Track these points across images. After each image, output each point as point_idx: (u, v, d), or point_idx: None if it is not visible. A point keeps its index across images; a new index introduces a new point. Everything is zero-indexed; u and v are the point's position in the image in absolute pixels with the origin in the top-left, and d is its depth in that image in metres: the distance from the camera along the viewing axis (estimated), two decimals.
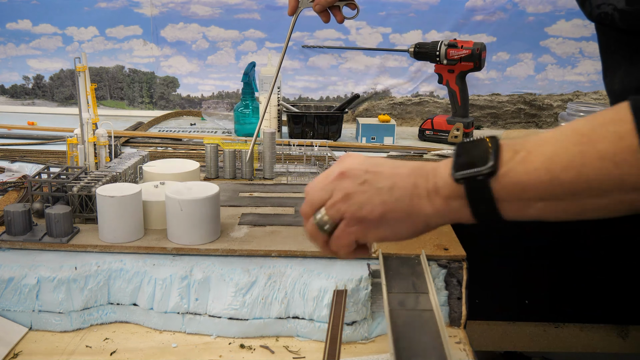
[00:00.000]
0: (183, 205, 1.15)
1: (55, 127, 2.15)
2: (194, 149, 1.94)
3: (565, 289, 1.64)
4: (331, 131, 2.09)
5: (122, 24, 2.46)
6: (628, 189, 0.61)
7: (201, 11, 2.44)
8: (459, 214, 0.70)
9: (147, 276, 1.11)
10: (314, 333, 1.09)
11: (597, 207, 0.65)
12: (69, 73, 2.52)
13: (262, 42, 2.46)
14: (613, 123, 0.62)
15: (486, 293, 1.44)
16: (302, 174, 1.63)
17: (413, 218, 0.71)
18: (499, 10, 2.34)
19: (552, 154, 0.65)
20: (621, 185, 0.61)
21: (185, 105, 2.56)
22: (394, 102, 2.44)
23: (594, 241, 1.59)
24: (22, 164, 1.75)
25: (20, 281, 1.09)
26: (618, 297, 1.63)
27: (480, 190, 0.67)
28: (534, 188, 0.65)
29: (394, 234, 0.72)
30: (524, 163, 0.66)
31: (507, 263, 1.62)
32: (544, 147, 0.65)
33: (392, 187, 0.71)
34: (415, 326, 0.94)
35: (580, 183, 0.63)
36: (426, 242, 1.21)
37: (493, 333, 1.68)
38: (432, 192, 0.70)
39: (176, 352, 1.05)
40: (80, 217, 1.27)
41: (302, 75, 2.48)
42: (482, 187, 0.67)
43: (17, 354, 1.03)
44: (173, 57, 2.50)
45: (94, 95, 1.45)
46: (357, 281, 1.09)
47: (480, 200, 0.68)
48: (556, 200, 0.65)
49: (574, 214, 0.66)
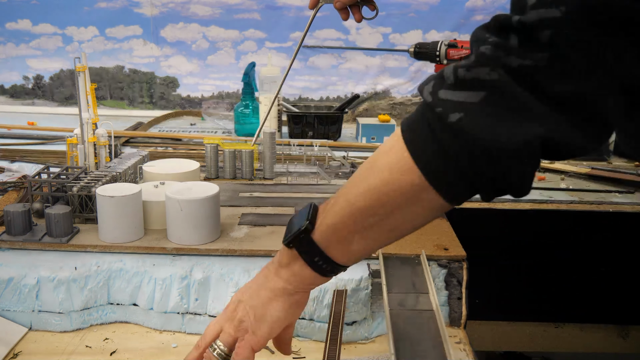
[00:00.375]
0: (183, 205, 1.15)
1: (55, 127, 2.15)
2: (194, 149, 1.94)
3: (565, 289, 1.64)
4: (331, 131, 2.08)
5: (122, 23, 2.46)
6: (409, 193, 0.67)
7: (201, 11, 2.44)
8: (302, 273, 0.78)
9: (147, 276, 1.11)
10: (314, 333, 1.09)
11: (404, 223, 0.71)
12: (69, 73, 2.52)
13: (262, 42, 2.46)
14: (388, 140, 0.70)
15: (486, 293, 1.44)
16: (302, 174, 1.63)
17: (278, 298, 0.80)
18: (499, 10, 2.34)
19: (350, 186, 0.73)
20: (401, 190, 0.67)
21: (185, 105, 2.56)
22: (394, 102, 2.44)
23: (594, 242, 1.59)
24: (22, 164, 1.75)
25: (20, 281, 1.09)
26: (618, 297, 1.63)
27: (307, 245, 0.75)
28: (343, 224, 0.73)
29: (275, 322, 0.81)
30: (333, 207, 0.74)
31: (507, 263, 1.62)
32: (346, 184, 0.74)
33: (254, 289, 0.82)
34: (415, 326, 0.94)
35: (373, 202, 0.69)
36: (426, 242, 1.21)
37: (493, 333, 1.68)
38: (277, 268, 0.80)
39: (176, 352, 1.05)
40: (80, 217, 1.27)
41: (302, 75, 2.48)
42: (307, 242, 0.75)
43: (17, 354, 1.03)
44: (173, 57, 2.50)
45: (94, 95, 1.45)
46: (357, 281, 1.09)
47: (310, 254, 0.75)
48: (365, 227, 0.72)
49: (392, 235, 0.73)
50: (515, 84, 0.59)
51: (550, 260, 1.61)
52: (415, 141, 0.66)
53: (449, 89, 0.63)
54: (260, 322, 0.81)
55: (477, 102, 0.61)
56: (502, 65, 0.60)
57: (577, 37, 0.56)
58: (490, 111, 0.60)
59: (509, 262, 1.62)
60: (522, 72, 0.59)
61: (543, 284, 1.64)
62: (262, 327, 0.81)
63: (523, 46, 0.59)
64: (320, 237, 0.75)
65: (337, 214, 0.73)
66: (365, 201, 0.70)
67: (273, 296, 0.80)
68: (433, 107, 0.63)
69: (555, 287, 1.63)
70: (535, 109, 0.59)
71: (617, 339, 1.69)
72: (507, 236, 1.59)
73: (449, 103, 0.62)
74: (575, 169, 1.74)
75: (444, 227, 1.29)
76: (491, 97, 0.60)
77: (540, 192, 1.60)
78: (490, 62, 0.61)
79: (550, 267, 1.62)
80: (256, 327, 0.80)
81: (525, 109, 0.59)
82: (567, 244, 1.60)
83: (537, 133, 0.60)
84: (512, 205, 1.53)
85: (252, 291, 0.82)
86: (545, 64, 0.58)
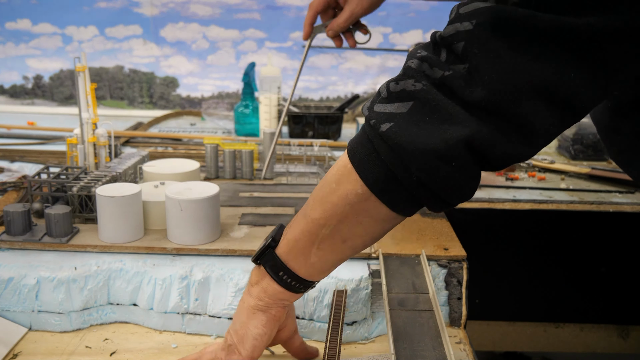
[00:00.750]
0: (183, 205, 1.15)
1: (55, 127, 2.15)
2: (194, 149, 1.94)
3: (565, 289, 1.64)
4: (331, 131, 2.08)
5: (122, 23, 2.46)
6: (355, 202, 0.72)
7: (201, 11, 2.44)
8: (270, 289, 0.83)
9: (147, 276, 1.11)
10: (314, 333, 1.09)
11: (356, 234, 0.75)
12: (69, 73, 2.52)
13: (262, 42, 2.46)
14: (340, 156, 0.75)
15: (486, 293, 1.44)
16: (302, 174, 1.63)
17: (254, 316, 0.85)
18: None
19: (306, 202, 0.78)
20: (347, 199, 0.72)
21: (185, 105, 2.55)
22: None
23: (595, 242, 1.59)
24: (21, 164, 1.75)
25: (19, 281, 1.08)
26: (618, 297, 1.63)
27: (271, 260, 0.81)
28: (302, 236, 0.78)
29: (257, 339, 0.86)
30: (293, 222, 0.80)
31: (507, 263, 1.62)
32: (306, 202, 0.79)
33: (235, 315, 0.88)
34: (415, 326, 0.94)
35: (325, 212, 0.74)
36: (426, 242, 1.21)
37: (493, 333, 1.68)
38: (249, 287, 0.86)
39: (176, 353, 1.05)
40: (80, 217, 1.27)
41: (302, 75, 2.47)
42: (271, 257, 0.81)
43: (17, 354, 1.03)
44: (173, 57, 2.50)
45: (94, 95, 1.44)
46: (357, 281, 1.08)
47: (275, 269, 0.81)
48: (320, 239, 0.76)
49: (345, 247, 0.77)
50: (438, 92, 0.64)
51: (550, 260, 1.61)
52: (356, 153, 0.71)
53: (382, 102, 0.69)
54: (244, 342, 0.86)
55: (405, 112, 0.66)
56: (426, 76, 0.65)
57: (486, 47, 0.61)
58: (416, 119, 0.65)
59: (509, 262, 1.62)
60: (443, 81, 0.64)
61: (543, 284, 1.64)
62: (246, 346, 0.86)
63: (447, 58, 0.64)
64: (282, 251, 0.81)
65: (295, 228, 0.79)
66: (318, 212, 0.75)
67: (250, 314, 0.85)
68: (368, 120, 0.69)
69: (555, 287, 1.63)
70: (457, 114, 0.63)
71: (617, 339, 1.69)
72: (507, 236, 1.59)
73: (382, 115, 0.68)
74: (575, 169, 1.74)
75: (444, 227, 1.29)
76: (417, 106, 0.65)
77: (540, 192, 1.60)
78: (415, 74, 0.66)
79: (550, 267, 1.62)
80: (241, 347, 0.86)
81: (447, 114, 0.64)
82: (567, 244, 1.60)
83: (458, 135, 0.63)
84: (512, 205, 1.53)
85: (234, 317, 0.88)
86: (463, 73, 0.62)
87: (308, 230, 0.77)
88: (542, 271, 1.62)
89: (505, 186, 1.64)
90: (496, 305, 1.64)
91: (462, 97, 0.63)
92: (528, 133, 0.64)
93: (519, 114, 0.62)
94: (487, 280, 1.42)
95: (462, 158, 0.65)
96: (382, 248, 1.17)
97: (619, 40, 0.59)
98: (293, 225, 0.80)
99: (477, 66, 0.61)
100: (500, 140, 0.64)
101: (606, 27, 0.58)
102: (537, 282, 1.63)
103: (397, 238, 1.23)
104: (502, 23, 0.60)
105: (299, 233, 0.78)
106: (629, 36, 0.59)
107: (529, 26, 0.60)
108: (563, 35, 0.59)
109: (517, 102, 0.61)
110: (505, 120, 0.63)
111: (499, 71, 0.61)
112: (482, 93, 0.62)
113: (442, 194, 0.68)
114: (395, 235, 1.24)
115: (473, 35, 0.61)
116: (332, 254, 0.78)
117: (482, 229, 1.55)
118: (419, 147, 0.64)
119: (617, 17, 0.58)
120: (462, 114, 0.63)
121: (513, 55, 0.60)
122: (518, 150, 0.65)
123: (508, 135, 0.64)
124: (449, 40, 0.63)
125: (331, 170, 0.76)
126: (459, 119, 0.63)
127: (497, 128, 0.63)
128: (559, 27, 0.59)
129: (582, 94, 0.62)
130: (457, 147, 0.64)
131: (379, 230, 0.76)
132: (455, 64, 0.63)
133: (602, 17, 0.58)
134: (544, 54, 0.60)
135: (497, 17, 0.60)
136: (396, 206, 0.71)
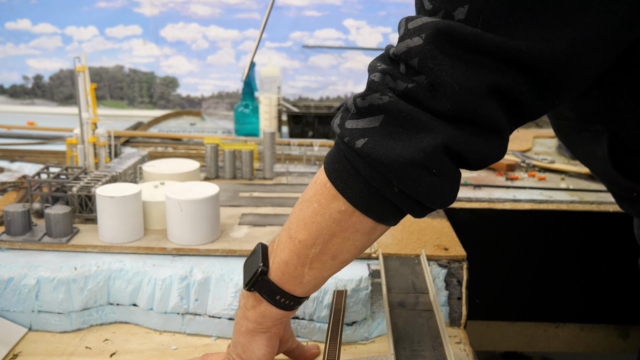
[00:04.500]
0: (183, 206, 1.15)
1: (55, 127, 2.15)
2: (194, 149, 1.94)
3: (565, 289, 1.64)
4: (331, 131, 2.08)
5: (122, 23, 2.46)
6: (340, 220, 0.72)
7: (201, 11, 2.44)
8: (269, 312, 0.83)
9: (147, 276, 1.11)
10: (314, 333, 1.09)
11: (345, 248, 0.75)
12: (69, 73, 2.52)
13: (262, 41, 2.45)
14: (316, 174, 0.75)
15: (486, 293, 1.44)
16: (302, 173, 1.63)
17: (255, 338, 0.85)
18: None
19: (290, 221, 0.78)
20: (332, 218, 0.72)
21: (185, 105, 2.55)
22: None
23: (595, 242, 1.59)
24: (21, 164, 1.75)
25: (19, 281, 1.08)
26: (618, 297, 1.63)
27: (266, 286, 0.80)
28: (291, 258, 0.77)
29: (267, 358, 0.87)
30: (279, 244, 0.79)
31: (507, 263, 1.62)
32: (288, 219, 0.78)
33: (234, 338, 0.88)
34: (415, 326, 0.94)
35: (311, 233, 0.74)
36: (426, 242, 1.21)
37: (493, 333, 1.68)
38: (244, 311, 0.85)
39: (176, 354, 1.05)
40: (80, 217, 1.27)
41: (302, 75, 2.48)
42: (266, 284, 0.80)
43: (17, 354, 1.03)
44: (173, 57, 2.50)
45: (94, 95, 1.44)
46: (357, 281, 1.08)
47: (272, 293, 0.81)
48: (311, 259, 0.76)
49: (336, 262, 0.77)
50: (406, 103, 0.64)
51: (550, 260, 1.61)
52: (335, 171, 0.71)
53: (352, 119, 0.69)
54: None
55: (378, 126, 0.66)
56: (390, 89, 0.65)
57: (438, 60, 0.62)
58: (390, 131, 0.66)
59: (509, 262, 1.62)
60: (408, 94, 0.64)
61: (543, 284, 1.63)
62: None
63: (407, 72, 0.65)
64: (275, 276, 0.80)
65: (283, 251, 0.78)
66: (303, 234, 0.75)
67: (251, 338, 0.85)
68: (342, 137, 0.69)
69: (555, 287, 1.63)
70: (429, 122, 0.64)
71: (617, 339, 1.69)
72: (507, 236, 1.58)
73: (354, 131, 0.68)
74: (575, 169, 1.74)
75: (444, 227, 1.29)
76: (388, 119, 0.65)
77: (540, 192, 1.60)
78: (380, 88, 0.66)
79: (550, 267, 1.62)
80: None
81: (420, 123, 0.64)
82: (567, 244, 1.60)
83: (435, 143, 0.64)
84: (512, 205, 1.53)
85: (233, 340, 0.88)
86: (425, 85, 0.63)
87: (296, 252, 0.76)
88: (542, 271, 1.62)
89: (505, 186, 1.64)
90: (496, 305, 1.64)
91: (430, 107, 0.64)
92: (501, 130, 0.65)
93: (486, 116, 0.63)
94: (487, 280, 1.42)
95: (442, 164, 0.65)
96: (382, 248, 1.17)
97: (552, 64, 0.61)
98: (279, 247, 0.79)
99: (435, 79, 0.62)
100: (475, 142, 0.65)
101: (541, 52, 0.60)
102: (537, 282, 1.63)
103: (397, 238, 1.23)
104: (450, 38, 0.61)
105: (288, 256, 0.78)
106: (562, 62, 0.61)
107: (475, 43, 0.61)
108: (505, 54, 0.61)
109: (482, 105, 0.63)
110: (476, 124, 0.64)
111: (457, 81, 0.62)
112: (447, 103, 0.62)
113: (426, 201, 0.68)
114: (395, 235, 1.24)
115: (425, 51, 0.62)
116: (325, 270, 0.78)
117: (482, 229, 1.55)
118: (398, 160, 0.64)
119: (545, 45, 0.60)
120: (434, 121, 0.64)
121: (465, 67, 0.62)
122: (494, 149, 0.66)
123: (483, 136, 0.65)
124: (403, 57, 0.64)
125: (309, 189, 0.75)
126: (431, 126, 0.64)
127: (470, 132, 0.64)
128: (501, 48, 0.61)
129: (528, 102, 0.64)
130: (436, 154, 0.64)
131: (367, 242, 0.76)
132: (416, 76, 0.64)
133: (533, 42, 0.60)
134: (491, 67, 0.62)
135: (444, 33, 0.61)
136: (382, 218, 0.72)
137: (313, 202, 0.73)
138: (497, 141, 0.66)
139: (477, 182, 1.65)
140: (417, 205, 0.69)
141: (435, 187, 0.66)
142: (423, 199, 0.67)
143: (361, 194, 0.69)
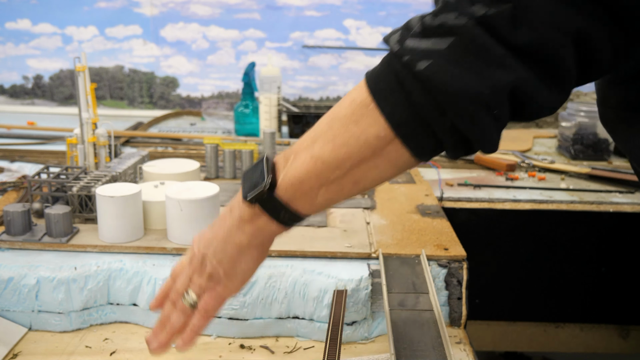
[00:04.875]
0: (183, 206, 1.15)
1: (55, 127, 2.15)
2: (194, 149, 1.94)
3: (565, 289, 1.64)
4: None
5: (122, 23, 2.46)
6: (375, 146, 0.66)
7: (201, 11, 2.44)
8: (269, 227, 0.77)
9: (147, 276, 1.11)
10: (314, 333, 1.09)
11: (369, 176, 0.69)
12: (69, 73, 2.52)
13: (262, 42, 2.46)
14: (351, 92, 0.68)
15: (486, 293, 1.44)
16: None
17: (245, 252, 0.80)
18: None
19: (310, 141, 0.71)
20: (367, 143, 0.66)
21: (185, 105, 2.56)
22: None
23: (595, 242, 1.59)
24: (21, 164, 1.75)
25: (19, 281, 1.08)
26: (618, 297, 1.63)
27: (271, 201, 0.74)
28: (308, 177, 0.71)
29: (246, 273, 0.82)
30: (294, 162, 0.72)
31: (507, 263, 1.62)
32: (305, 139, 0.72)
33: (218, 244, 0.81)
34: (415, 326, 0.94)
35: (338, 156, 0.68)
36: (426, 242, 1.21)
37: (493, 333, 1.68)
38: (239, 222, 0.78)
39: (176, 353, 1.05)
40: (80, 217, 1.27)
41: (302, 75, 2.48)
42: (271, 198, 0.74)
43: (17, 354, 1.03)
44: (173, 57, 2.50)
45: (94, 95, 1.44)
46: (357, 281, 1.08)
47: (275, 209, 0.75)
48: (331, 180, 0.70)
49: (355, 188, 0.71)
50: (482, 30, 0.59)
51: (550, 260, 1.61)
52: (381, 92, 0.64)
53: (415, 37, 0.62)
54: (232, 277, 0.81)
55: (444, 49, 0.59)
56: (467, 13, 0.59)
57: None
58: (458, 57, 0.59)
59: (509, 262, 1.62)
60: (487, 20, 0.58)
61: (543, 284, 1.64)
62: (234, 281, 0.81)
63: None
64: (284, 192, 0.73)
65: (299, 169, 0.72)
66: (331, 155, 0.69)
67: (240, 251, 0.80)
68: (400, 56, 0.62)
69: (555, 287, 1.63)
70: (503, 57, 0.59)
71: (617, 339, 1.69)
72: (507, 236, 1.59)
73: (416, 51, 0.61)
74: (575, 169, 1.74)
75: (444, 227, 1.29)
76: (459, 43, 0.59)
77: (540, 192, 1.60)
78: (457, 8, 0.60)
79: (550, 267, 1.62)
80: (227, 281, 0.81)
81: (493, 56, 0.59)
82: (567, 244, 1.60)
83: (506, 81, 0.59)
84: (512, 205, 1.53)
85: (217, 246, 0.81)
86: (508, 12, 0.58)
87: (316, 172, 0.70)
88: (542, 271, 1.62)
89: (506, 186, 1.64)
90: (496, 305, 1.64)
91: (506, 39, 0.58)
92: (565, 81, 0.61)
93: (561, 60, 0.59)
94: (487, 280, 1.42)
95: (503, 106, 0.60)
96: (382, 248, 1.17)
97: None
98: (295, 165, 0.72)
99: (525, 6, 0.57)
100: (540, 88, 0.60)
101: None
102: (537, 282, 1.63)
103: (397, 238, 1.23)
104: None
105: (305, 174, 0.71)
106: None
107: None
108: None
109: (565, 46, 0.58)
110: (547, 67, 0.59)
111: (548, 11, 0.57)
112: (529, 36, 0.58)
113: (475, 143, 0.63)
114: (395, 235, 1.24)
115: None
116: (341, 194, 0.72)
117: (482, 229, 1.55)
118: (462, 91, 0.59)
119: None
120: (509, 57, 0.58)
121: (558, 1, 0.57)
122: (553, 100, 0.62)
123: (547, 84, 0.60)
124: None
125: (344, 105, 0.68)
126: (507, 62, 0.58)
127: (537, 75, 0.59)
128: None
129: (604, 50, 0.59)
130: (502, 94, 0.59)
131: (392, 174, 0.70)
132: (499, 3, 0.58)
133: None
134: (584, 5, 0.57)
135: None
136: (419, 152, 0.66)
137: (348, 123, 0.67)
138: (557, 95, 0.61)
139: (477, 182, 1.65)
140: (461, 144, 0.63)
141: (490, 129, 0.62)
142: (475, 139, 0.62)
143: (406, 122, 0.63)
